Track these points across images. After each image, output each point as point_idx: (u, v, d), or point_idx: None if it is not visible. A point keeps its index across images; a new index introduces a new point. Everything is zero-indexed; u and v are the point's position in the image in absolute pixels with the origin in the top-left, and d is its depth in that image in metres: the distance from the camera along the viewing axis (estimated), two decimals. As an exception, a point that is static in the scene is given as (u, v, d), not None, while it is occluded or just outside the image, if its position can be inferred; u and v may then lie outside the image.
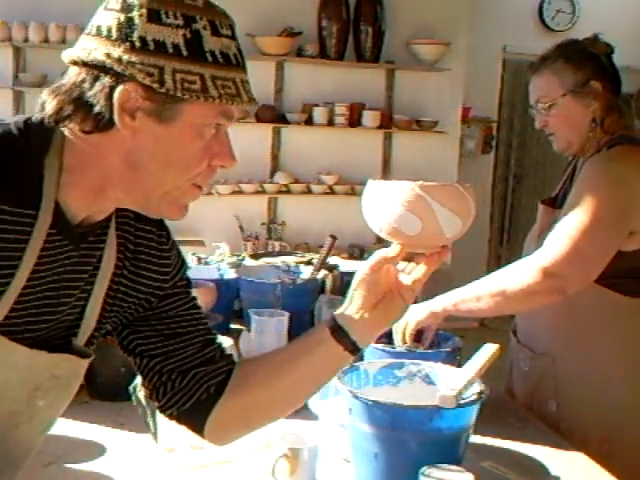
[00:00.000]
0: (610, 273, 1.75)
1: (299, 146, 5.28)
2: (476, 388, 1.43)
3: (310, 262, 2.69)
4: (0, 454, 1.06)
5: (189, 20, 0.93)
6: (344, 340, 1.11)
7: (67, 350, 1.05)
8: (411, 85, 5.43)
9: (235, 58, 0.96)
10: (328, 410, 1.57)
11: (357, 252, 5.00)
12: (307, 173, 5.29)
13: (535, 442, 1.66)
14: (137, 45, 0.91)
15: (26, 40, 4.60)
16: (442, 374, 1.53)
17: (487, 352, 1.58)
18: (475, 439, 1.52)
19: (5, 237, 0.93)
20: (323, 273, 2.50)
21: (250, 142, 5.15)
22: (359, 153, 5.38)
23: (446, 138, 5.47)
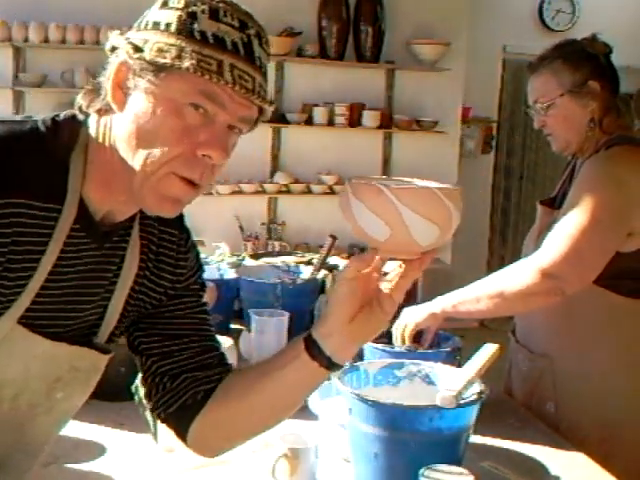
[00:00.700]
0: (608, 274, 1.75)
1: (299, 146, 5.28)
2: (476, 388, 1.43)
3: (310, 262, 2.69)
4: (18, 445, 1.08)
5: (189, 4, 0.95)
6: (318, 356, 1.03)
7: (88, 345, 1.07)
8: (411, 85, 5.43)
9: (233, 45, 0.94)
10: (328, 410, 1.57)
11: (357, 252, 5.00)
12: (307, 173, 5.29)
13: (535, 442, 1.66)
14: (142, 26, 0.97)
15: (26, 40, 4.60)
16: (442, 374, 1.53)
17: (487, 352, 1.58)
18: (475, 439, 1.52)
19: (31, 231, 0.96)
20: (323, 273, 2.50)
21: (250, 142, 5.10)
22: (359, 153, 5.38)
23: (446, 138, 5.47)
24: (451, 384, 1.39)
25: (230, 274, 2.56)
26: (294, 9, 5.09)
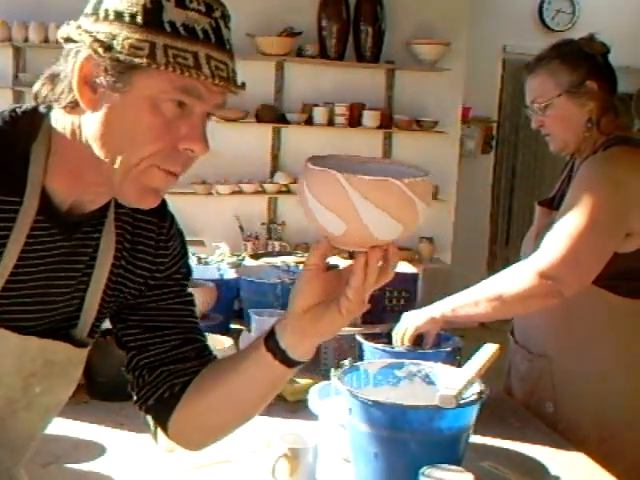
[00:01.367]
0: (606, 274, 1.75)
1: (299, 146, 5.28)
2: (476, 388, 1.43)
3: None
4: (3, 440, 1.07)
5: None
6: (274, 349, 1.01)
7: (64, 339, 1.05)
8: (411, 85, 5.43)
9: (204, 33, 0.91)
10: (328, 410, 1.57)
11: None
12: (307, 173, 5.28)
13: (535, 442, 1.66)
14: (101, 16, 0.91)
15: (26, 40, 4.60)
16: (442, 374, 1.53)
17: (487, 352, 1.58)
18: (475, 439, 1.52)
19: None
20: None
21: (250, 142, 5.15)
22: (359, 153, 5.32)
23: (446, 138, 5.47)
24: (451, 384, 1.39)
25: (230, 274, 2.57)
26: (294, 9, 5.09)
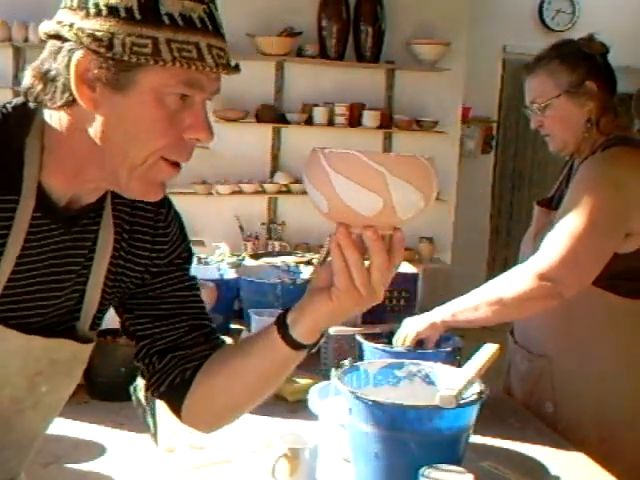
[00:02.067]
0: (606, 274, 1.75)
1: (299, 146, 5.27)
2: (476, 388, 1.43)
3: (310, 262, 2.69)
4: (9, 439, 1.07)
5: None
6: (280, 323, 1.03)
7: (68, 335, 1.05)
8: (411, 85, 5.43)
9: (201, 21, 0.90)
10: (328, 410, 1.57)
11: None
12: (307, 173, 5.28)
13: (535, 442, 1.66)
14: (92, 12, 0.89)
15: (26, 40, 4.60)
16: (442, 374, 1.53)
17: (487, 352, 1.58)
18: (475, 439, 1.52)
19: None
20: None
21: (250, 142, 5.15)
22: (359, 153, 5.37)
23: (446, 138, 5.47)
24: (451, 384, 1.39)
25: (230, 274, 2.57)
26: (294, 9, 5.08)
